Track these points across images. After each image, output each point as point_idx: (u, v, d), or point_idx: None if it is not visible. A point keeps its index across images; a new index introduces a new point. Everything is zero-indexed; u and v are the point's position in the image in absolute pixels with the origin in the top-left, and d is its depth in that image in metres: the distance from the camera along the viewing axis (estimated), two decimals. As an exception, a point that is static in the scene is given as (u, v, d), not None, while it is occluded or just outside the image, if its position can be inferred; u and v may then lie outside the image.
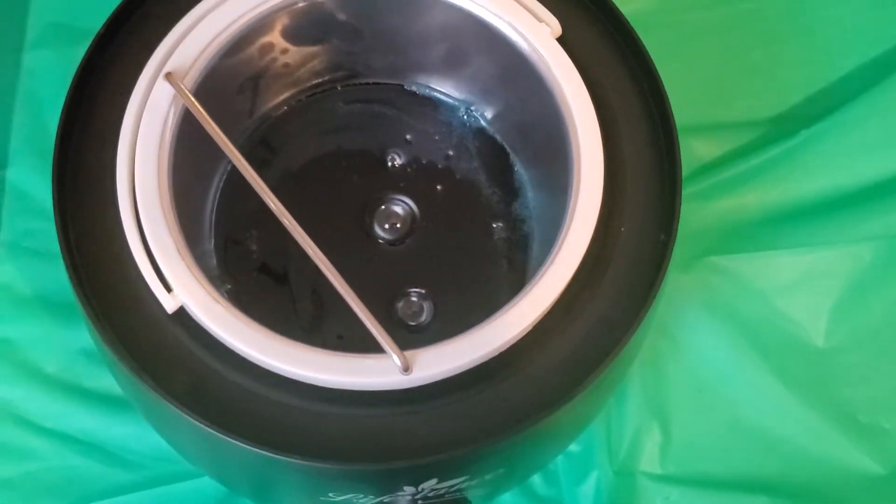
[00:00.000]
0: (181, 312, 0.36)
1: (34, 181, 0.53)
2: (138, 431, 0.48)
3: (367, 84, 0.48)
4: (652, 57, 0.41)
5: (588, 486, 0.49)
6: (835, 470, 0.50)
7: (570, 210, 0.38)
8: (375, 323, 0.34)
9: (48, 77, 0.55)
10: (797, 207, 0.53)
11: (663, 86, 0.41)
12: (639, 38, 0.42)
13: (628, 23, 0.42)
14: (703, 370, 0.51)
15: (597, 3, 0.42)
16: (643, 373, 0.50)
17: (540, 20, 0.41)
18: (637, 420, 0.50)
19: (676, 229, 0.38)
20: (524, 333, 0.36)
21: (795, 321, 0.51)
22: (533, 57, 0.41)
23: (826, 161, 0.53)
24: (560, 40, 0.41)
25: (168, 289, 0.35)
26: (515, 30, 0.41)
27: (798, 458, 0.50)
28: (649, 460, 0.50)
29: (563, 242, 0.37)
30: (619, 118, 0.41)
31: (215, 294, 0.35)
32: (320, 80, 0.47)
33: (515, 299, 0.36)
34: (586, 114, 0.39)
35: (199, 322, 0.35)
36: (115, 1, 0.41)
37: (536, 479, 0.50)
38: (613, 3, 0.42)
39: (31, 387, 0.49)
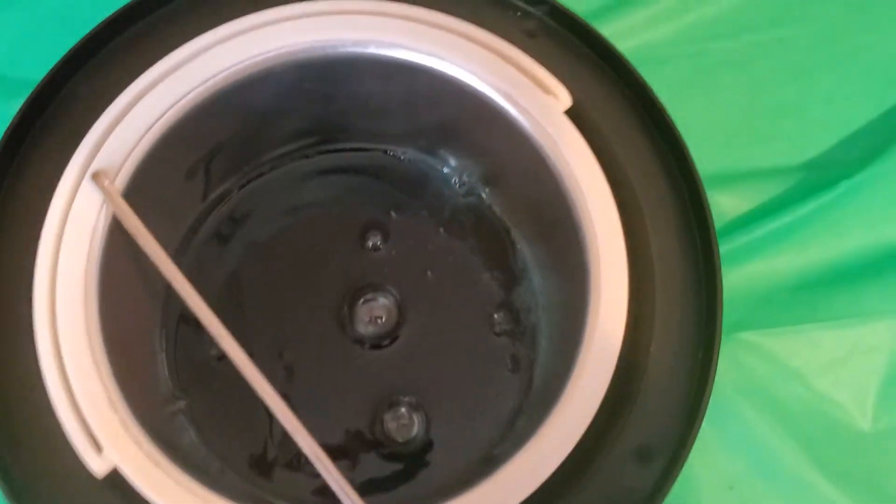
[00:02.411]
0: (115, 476, 0.29)
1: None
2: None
3: (343, 150, 0.41)
4: (667, 94, 0.35)
5: None
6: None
7: (587, 327, 0.31)
8: (351, 491, 0.28)
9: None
10: (838, 271, 0.46)
11: (694, 164, 0.34)
12: (662, 106, 0.35)
13: (651, 90, 0.35)
14: (735, 464, 0.44)
15: (612, 65, 0.35)
16: (667, 470, 0.44)
17: (547, 92, 0.34)
18: (661, 526, 0.44)
19: (719, 345, 0.32)
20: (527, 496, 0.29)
21: (838, 404, 0.45)
22: (537, 135, 0.34)
23: (870, 216, 0.46)
24: (569, 112, 0.34)
25: (98, 448, 0.29)
26: (517, 105, 0.34)
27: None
28: (677, 574, 0.43)
29: (576, 374, 0.30)
30: (643, 205, 0.34)
31: (156, 454, 0.29)
32: (286, 149, 0.40)
33: (516, 455, 0.29)
34: (603, 206, 0.33)
35: (136, 489, 0.29)
36: (54, 48, 0.35)
37: None
38: (631, 66, 0.35)
39: None
